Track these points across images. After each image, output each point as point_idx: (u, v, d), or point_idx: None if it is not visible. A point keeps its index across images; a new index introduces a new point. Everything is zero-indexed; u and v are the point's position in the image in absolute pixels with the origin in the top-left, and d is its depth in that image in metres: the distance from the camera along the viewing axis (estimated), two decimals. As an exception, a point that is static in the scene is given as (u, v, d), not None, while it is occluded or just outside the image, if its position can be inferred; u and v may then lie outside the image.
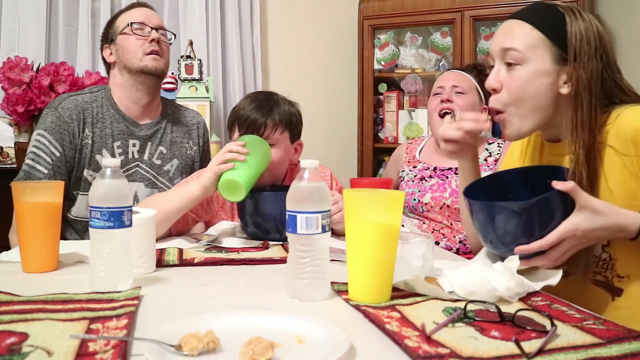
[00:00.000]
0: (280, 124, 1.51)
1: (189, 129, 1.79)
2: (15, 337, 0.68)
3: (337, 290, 0.92)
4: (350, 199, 0.89)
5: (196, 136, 1.81)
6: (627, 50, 2.64)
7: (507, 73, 1.13)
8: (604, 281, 1.12)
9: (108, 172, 0.93)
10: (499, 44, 1.14)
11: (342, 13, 3.17)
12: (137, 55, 1.62)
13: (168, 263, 1.13)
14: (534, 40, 1.10)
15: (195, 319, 0.73)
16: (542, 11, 1.14)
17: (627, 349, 0.66)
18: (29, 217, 1.07)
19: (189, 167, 1.77)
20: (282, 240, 1.38)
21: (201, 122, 1.85)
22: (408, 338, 0.69)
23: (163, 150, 1.72)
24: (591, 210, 0.97)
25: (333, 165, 1.86)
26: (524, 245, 0.99)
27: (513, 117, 1.13)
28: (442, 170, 1.90)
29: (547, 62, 1.10)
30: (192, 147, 1.78)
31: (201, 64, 2.74)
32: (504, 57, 1.13)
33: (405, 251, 0.98)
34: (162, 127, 1.73)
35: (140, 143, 1.68)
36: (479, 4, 2.69)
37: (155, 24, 1.67)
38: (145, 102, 1.68)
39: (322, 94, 3.21)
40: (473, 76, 1.96)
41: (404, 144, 2.13)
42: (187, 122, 1.80)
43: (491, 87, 1.15)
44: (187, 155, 1.77)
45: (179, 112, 1.81)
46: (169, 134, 1.74)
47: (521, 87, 1.11)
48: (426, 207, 1.83)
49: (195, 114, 1.86)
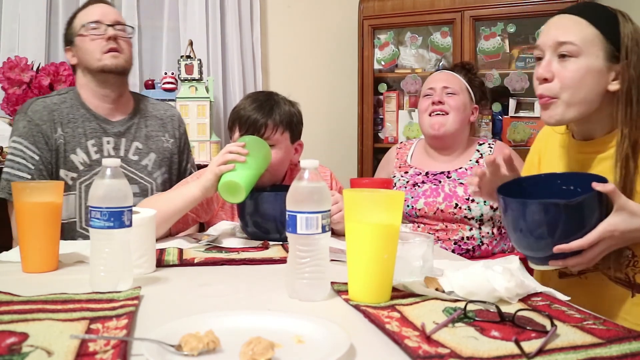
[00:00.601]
0: (280, 124, 1.50)
1: (164, 122, 1.77)
2: (15, 337, 0.68)
3: (337, 290, 0.92)
4: (350, 199, 0.89)
5: (172, 129, 1.79)
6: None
7: (560, 64, 1.14)
8: (623, 278, 1.13)
9: (108, 172, 0.93)
10: (553, 37, 1.15)
11: (342, 13, 3.17)
12: (95, 55, 1.60)
13: (168, 263, 1.13)
14: (589, 36, 1.12)
15: (195, 319, 0.73)
16: (597, 9, 1.16)
17: (627, 349, 0.66)
18: (29, 217, 1.07)
19: (167, 160, 1.76)
20: (282, 240, 1.38)
21: (175, 114, 1.83)
22: (408, 338, 0.69)
23: (139, 146, 1.70)
24: (629, 212, 1.00)
25: (333, 165, 1.86)
26: (564, 245, 1.00)
27: (560, 104, 1.15)
28: (435, 174, 1.88)
29: (600, 58, 1.12)
30: (169, 139, 1.77)
31: (201, 64, 2.74)
32: (557, 49, 1.14)
33: (405, 251, 0.98)
34: (136, 122, 1.71)
35: (114, 140, 1.67)
36: (479, 4, 2.69)
37: (111, 20, 1.63)
38: (113, 98, 1.66)
39: (322, 94, 3.21)
40: (462, 76, 1.95)
41: (394, 147, 2.10)
42: (161, 115, 1.78)
43: (542, 77, 1.16)
44: (164, 149, 1.75)
45: (152, 106, 1.79)
46: (144, 129, 1.72)
47: (574, 78, 1.13)
48: (420, 213, 1.82)
49: (168, 107, 1.84)
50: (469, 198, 1.77)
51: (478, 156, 1.89)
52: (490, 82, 2.71)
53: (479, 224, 1.78)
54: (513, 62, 2.73)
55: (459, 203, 1.78)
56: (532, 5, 2.61)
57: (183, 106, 2.71)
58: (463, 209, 1.77)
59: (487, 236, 1.79)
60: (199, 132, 2.72)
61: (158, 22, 2.98)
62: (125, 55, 1.65)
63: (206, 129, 2.72)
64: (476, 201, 1.77)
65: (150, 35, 2.98)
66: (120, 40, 1.64)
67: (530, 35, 2.72)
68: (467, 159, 1.89)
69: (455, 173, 1.86)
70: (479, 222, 1.78)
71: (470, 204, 1.77)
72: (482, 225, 1.78)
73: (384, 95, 2.97)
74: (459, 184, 1.82)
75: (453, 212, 1.78)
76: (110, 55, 1.61)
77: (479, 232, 1.78)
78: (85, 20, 1.62)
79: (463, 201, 1.77)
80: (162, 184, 1.73)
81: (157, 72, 2.94)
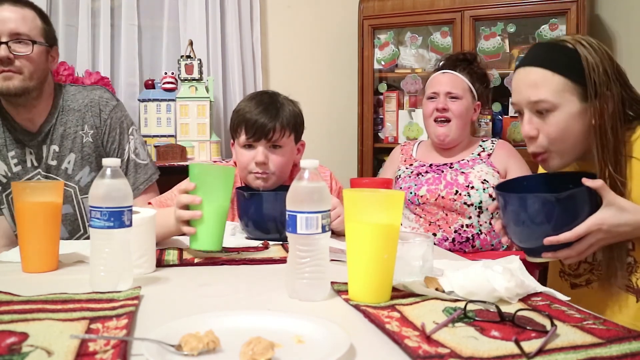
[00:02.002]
0: (287, 127, 1.50)
1: (81, 114, 1.59)
2: (15, 337, 0.68)
3: (337, 290, 0.92)
4: (350, 199, 0.89)
5: (91, 117, 1.59)
6: (627, 50, 2.64)
7: (541, 119, 1.15)
8: (628, 284, 1.14)
9: (108, 172, 0.93)
10: (526, 97, 1.15)
11: (342, 13, 3.17)
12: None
13: (168, 263, 1.13)
14: (559, 86, 1.12)
15: (195, 319, 0.73)
16: (556, 52, 1.15)
17: (627, 349, 0.66)
18: (29, 217, 1.07)
19: (90, 156, 1.59)
20: (282, 240, 1.38)
21: (95, 99, 1.61)
22: (408, 338, 0.69)
23: (56, 149, 1.57)
24: (617, 207, 1.02)
25: (333, 165, 1.86)
26: (553, 237, 1.02)
27: (555, 156, 1.16)
28: (438, 165, 1.96)
29: (576, 102, 1.12)
30: (88, 131, 1.58)
31: (201, 64, 2.74)
32: (533, 108, 1.15)
33: (405, 251, 0.98)
34: (52, 123, 1.57)
35: (35, 150, 1.56)
36: (479, 4, 2.69)
37: (8, 32, 1.43)
38: (27, 112, 1.53)
39: (322, 94, 3.21)
40: (465, 74, 2.00)
41: (397, 147, 2.18)
42: (78, 106, 1.60)
43: (528, 136, 1.17)
44: (83, 144, 1.58)
45: (72, 98, 1.61)
46: (59, 129, 1.57)
47: (557, 131, 1.13)
48: (422, 200, 1.88)
49: (88, 93, 1.62)
50: (468, 185, 1.84)
51: (480, 150, 1.97)
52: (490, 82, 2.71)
53: (478, 211, 1.84)
54: (513, 62, 2.73)
55: (459, 190, 1.84)
56: (532, 5, 2.61)
57: (183, 106, 2.71)
58: (463, 195, 1.83)
59: (485, 226, 1.84)
60: (199, 132, 2.72)
61: (158, 22, 2.98)
62: (23, 75, 1.46)
63: (206, 129, 2.72)
64: (475, 188, 1.83)
65: (150, 35, 2.98)
66: (17, 60, 1.45)
67: (530, 35, 2.71)
68: (470, 152, 1.98)
69: (457, 164, 1.94)
70: (478, 210, 1.83)
71: (469, 190, 1.83)
72: (481, 214, 1.84)
73: (384, 95, 2.97)
74: (460, 172, 1.89)
75: (453, 199, 1.84)
76: (2, 78, 1.44)
77: (477, 220, 1.84)
78: None
79: (463, 188, 1.84)
80: (88, 186, 1.55)
81: (157, 72, 2.94)
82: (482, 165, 1.89)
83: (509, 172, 1.90)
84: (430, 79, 2.04)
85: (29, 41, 1.46)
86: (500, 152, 1.95)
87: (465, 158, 1.95)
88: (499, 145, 1.97)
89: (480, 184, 1.83)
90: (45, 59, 1.53)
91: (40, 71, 1.50)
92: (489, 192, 1.82)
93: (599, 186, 1.03)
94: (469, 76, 2.00)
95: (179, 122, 2.72)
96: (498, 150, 1.95)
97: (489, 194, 1.82)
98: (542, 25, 2.63)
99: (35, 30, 1.49)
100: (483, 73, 2.10)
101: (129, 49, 2.88)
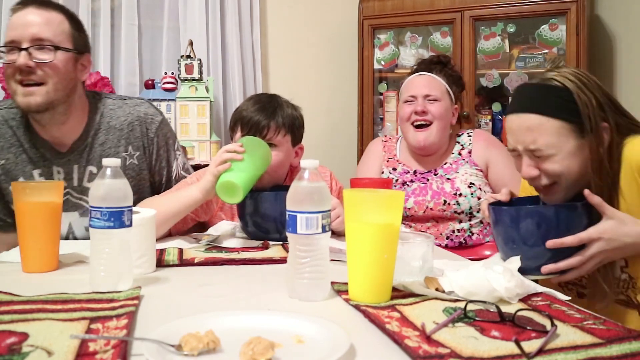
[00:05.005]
0: (283, 126, 1.50)
1: (124, 133, 1.47)
2: (15, 337, 0.68)
3: (337, 290, 0.92)
4: (350, 199, 0.89)
5: (138, 137, 1.49)
6: (627, 50, 2.64)
7: (540, 162, 1.14)
8: (626, 300, 1.15)
9: (108, 172, 0.93)
10: (522, 143, 1.14)
11: (342, 13, 3.17)
12: (11, 87, 1.32)
13: (168, 263, 1.13)
14: (555, 130, 1.11)
15: (195, 319, 0.73)
16: (548, 95, 1.13)
17: (627, 349, 0.66)
18: (29, 217, 1.07)
19: (133, 179, 1.48)
20: (282, 240, 1.38)
21: (140, 116, 1.50)
22: (408, 338, 0.69)
23: (93, 170, 1.44)
24: (618, 219, 1.04)
25: (333, 165, 1.86)
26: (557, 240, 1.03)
27: (560, 190, 1.15)
28: (422, 173, 1.90)
29: (573, 141, 1.11)
30: (133, 153, 1.48)
31: (201, 64, 2.75)
32: (532, 153, 1.14)
33: (405, 251, 0.98)
34: (88, 142, 1.44)
35: (64, 170, 1.43)
36: (479, 4, 2.69)
37: (29, 38, 1.29)
38: (54, 132, 1.41)
39: (322, 94, 3.21)
40: (442, 76, 1.93)
41: (378, 141, 2.08)
42: (120, 124, 1.47)
43: (530, 177, 1.16)
44: (126, 167, 1.47)
45: (111, 114, 1.48)
46: (98, 149, 1.45)
47: (559, 171, 1.13)
48: (410, 212, 1.84)
49: (131, 109, 1.50)
50: (456, 193, 1.79)
51: (459, 148, 1.92)
52: (490, 82, 2.72)
53: (468, 217, 1.81)
54: (513, 62, 2.73)
55: (447, 199, 1.80)
56: (532, 5, 2.61)
57: (183, 106, 2.71)
58: (452, 204, 1.79)
59: (476, 225, 1.81)
60: (199, 132, 2.72)
61: (158, 22, 2.98)
62: (46, 88, 1.32)
63: (206, 129, 2.72)
64: (464, 195, 1.79)
65: (150, 35, 2.98)
66: (36, 69, 1.30)
67: (530, 35, 2.72)
68: (450, 152, 1.92)
69: (441, 170, 1.89)
70: (468, 215, 1.81)
71: (458, 198, 1.79)
72: (472, 217, 1.81)
73: (384, 95, 2.97)
74: (446, 179, 1.84)
75: (442, 209, 1.80)
76: (22, 93, 1.31)
77: (469, 224, 1.81)
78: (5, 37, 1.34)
79: (451, 197, 1.80)
80: None
81: (157, 72, 2.94)
82: (466, 167, 1.84)
83: (491, 165, 1.86)
84: (405, 83, 1.96)
85: (52, 47, 1.31)
86: (478, 145, 1.89)
87: (447, 161, 1.89)
88: (476, 137, 1.91)
89: (468, 189, 1.79)
90: (73, 67, 1.37)
91: (66, 81, 1.35)
92: (478, 194, 1.78)
93: (598, 202, 1.04)
94: (445, 78, 1.93)
95: (179, 122, 2.72)
96: (476, 142, 1.90)
97: (478, 196, 1.78)
98: (542, 25, 2.64)
99: (61, 36, 1.34)
100: (458, 76, 2.03)
101: (129, 49, 2.89)
